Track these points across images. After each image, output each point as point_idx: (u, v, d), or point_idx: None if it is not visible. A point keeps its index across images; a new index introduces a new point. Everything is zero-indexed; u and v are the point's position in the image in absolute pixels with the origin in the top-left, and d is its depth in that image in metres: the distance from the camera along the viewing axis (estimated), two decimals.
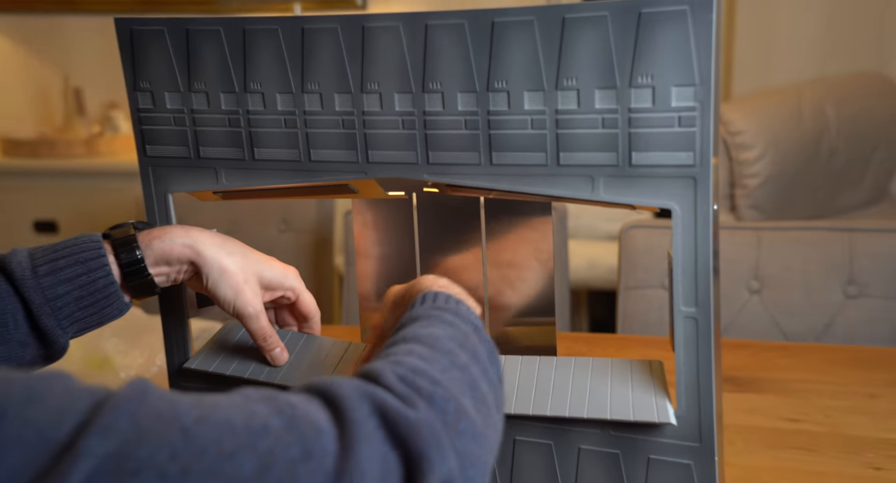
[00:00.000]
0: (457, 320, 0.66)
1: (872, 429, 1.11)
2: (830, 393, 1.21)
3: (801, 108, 2.25)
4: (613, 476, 0.77)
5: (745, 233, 1.57)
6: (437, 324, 0.64)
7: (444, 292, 0.71)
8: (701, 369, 0.72)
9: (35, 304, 0.72)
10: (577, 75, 0.70)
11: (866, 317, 1.50)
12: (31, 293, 0.72)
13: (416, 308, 0.68)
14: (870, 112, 2.35)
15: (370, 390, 0.51)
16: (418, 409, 0.51)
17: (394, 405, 0.50)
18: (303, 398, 0.51)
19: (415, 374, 0.54)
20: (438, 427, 0.51)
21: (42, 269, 0.73)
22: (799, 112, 2.24)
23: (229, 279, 0.77)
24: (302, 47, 0.78)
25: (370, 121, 0.78)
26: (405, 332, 0.63)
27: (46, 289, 0.72)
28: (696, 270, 0.71)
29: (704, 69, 0.67)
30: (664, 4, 0.66)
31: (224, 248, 0.78)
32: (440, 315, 0.66)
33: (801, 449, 1.08)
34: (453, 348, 0.61)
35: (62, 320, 0.74)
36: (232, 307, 0.79)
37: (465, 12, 0.72)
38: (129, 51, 0.84)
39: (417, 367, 0.55)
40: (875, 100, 2.37)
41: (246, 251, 0.80)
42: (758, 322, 1.55)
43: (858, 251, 1.51)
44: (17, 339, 0.73)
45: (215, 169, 0.85)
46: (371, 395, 0.50)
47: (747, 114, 2.17)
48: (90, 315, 0.75)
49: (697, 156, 0.68)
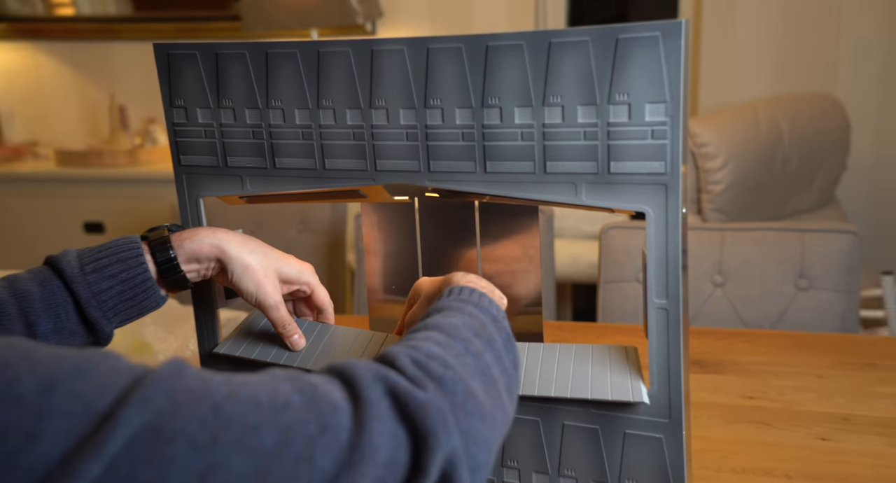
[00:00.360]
0: (477, 311, 0.66)
1: (819, 405, 1.12)
2: (783, 374, 1.21)
3: (758, 122, 2.25)
4: (593, 449, 0.77)
5: (709, 233, 1.57)
6: (458, 314, 0.65)
7: (469, 286, 0.71)
8: (671, 354, 0.72)
9: (83, 297, 0.72)
10: (562, 93, 0.70)
11: (815, 307, 1.50)
12: (80, 288, 0.72)
13: (443, 300, 0.69)
14: (818, 126, 2.35)
15: (384, 373, 0.51)
16: (427, 391, 0.51)
17: (405, 387, 0.50)
18: (323, 378, 0.51)
19: (428, 358, 0.54)
20: (445, 407, 0.51)
21: (88, 267, 0.73)
22: (756, 126, 2.24)
23: (251, 274, 0.77)
24: (318, 68, 0.78)
25: (378, 133, 0.77)
26: (427, 321, 0.63)
27: (92, 284, 0.73)
28: (667, 266, 0.71)
29: (674, 88, 0.66)
30: (638, 31, 0.66)
31: (246, 247, 0.78)
32: (462, 307, 0.66)
33: (758, 423, 1.08)
34: (469, 336, 0.61)
35: (106, 312, 0.74)
36: (254, 299, 0.79)
37: (462, 37, 0.71)
38: (165, 72, 0.84)
39: (432, 352, 0.55)
40: (822, 116, 2.38)
41: (266, 250, 0.80)
42: (720, 312, 1.54)
43: (809, 249, 1.51)
44: (69, 328, 0.73)
45: (241, 176, 0.84)
46: (384, 377, 0.51)
47: (711, 128, 2.17)
48: (131, 307, 0.76)
49: (668, 165, 0.68)
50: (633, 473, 0.76)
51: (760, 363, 1.25)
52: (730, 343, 1.33)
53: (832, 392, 1.15)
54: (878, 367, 1.22)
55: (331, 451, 0.46)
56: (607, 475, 0.77)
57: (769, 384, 1.18)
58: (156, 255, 0.75)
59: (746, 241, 1.54)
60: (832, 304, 1.49)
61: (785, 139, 2.27)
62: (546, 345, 0.81)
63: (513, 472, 0.81)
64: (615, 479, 0.77)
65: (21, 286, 0.72)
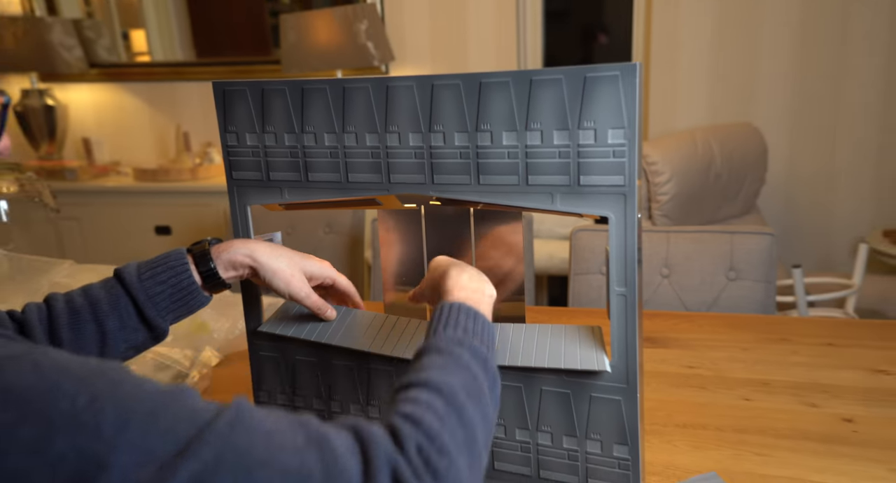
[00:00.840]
0: (472, 361, 0.60)
1: (744, 372, 1.12)
2: (716, 347, 1.21)
3: (696, 146, 2.25)
4: (565, 409, 0.76)
5: (658, 234, 1.56)
6: (454, 369, 0.58)
7: (465, 305, 0.65)
8: (628, 331, 0.72)
9: (140, 300, 0.73)
10: (541, 120, 0.69)
11: (741, 294, 1.50)
12: (138, 292, 0.73)
13: (439, 334, 0.62)
14: (742, 149, 2.35)
15: (394, 459, 0.48)
16: (424, 481, 0.49)
17: (406, 477, 0.48)
18: (348, 446, 0.48)
19: (430, 443, 0.50)
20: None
21: (145, 275, 0.74)
22: (694, 149, 2.24)
23: (280, 275, 0.78)
24: (343, 100, 0.77)
25: (391, 153, 0.77)
26: (428, 376, 0.57)
27: (148, 289, 0.73)
28: (626, 260, 0.70)
29: (631, 116, 0.66)
30: (602, 71, 0.66)
31: (274, 254, 0.78)
32: (459, 355, 0.60)
33: (695, 387, 1.08)
34: (464, 401, 0.56)
35: (161, 311, 0.74)
36: (287, 294, 0.79)
37: (460, 75, 0.71)
38: (221, 105, 0.83)
39: (432, 432, 0.51)
40: (745, 141, 2.38)
41: (291, 254, 0.80)
42: (667, 298, 1.54)
43: (736, 247, 1.50)
44: (131, 325, 0.73)
45: (280, 188, 0.84)
46: (394, 465, 0.48)
47: (659, 150, 2.17)
48: (180, 307, 0.75)
49: (627, 178, 0.68)
50: (597, 428, 0.75)
51: (698, 339, 1.25)
52: (674, 323, 1.33)
53: (754, 361, 1.15)
54: (790, 341, 1.22)
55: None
56: (576, 430, 0.76)
57: (705, 356, 1.18)
58: (199, 265, 0.75)
59: (687, 240, 1.54)
60: (754, 292, 1.48)
61: (716, 159, 2.27)
62: (527, 325, 0.81)
63: (500, 428, 0.80)
64: (583, 433, 0.76)
65: (93, 293, 0.73)
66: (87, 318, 0.71)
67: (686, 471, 0.86)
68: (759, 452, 0.89)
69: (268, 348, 0.91)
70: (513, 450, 0.80)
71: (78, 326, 0.71)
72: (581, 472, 0.77)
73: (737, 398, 1.03)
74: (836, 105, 2.46)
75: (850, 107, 2.45)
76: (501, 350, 0.78)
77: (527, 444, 0.79)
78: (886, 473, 0.83)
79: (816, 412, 0.98)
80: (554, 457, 0.78)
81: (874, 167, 2.47)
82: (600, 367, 0.73)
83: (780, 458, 0.88)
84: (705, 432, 0.95)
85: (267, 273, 0.77)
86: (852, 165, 2.50)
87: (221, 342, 1.26)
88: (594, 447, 0.76)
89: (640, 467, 0.75)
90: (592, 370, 0.73)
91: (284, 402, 0.92)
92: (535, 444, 0.79)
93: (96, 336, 0.72)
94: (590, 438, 0.76)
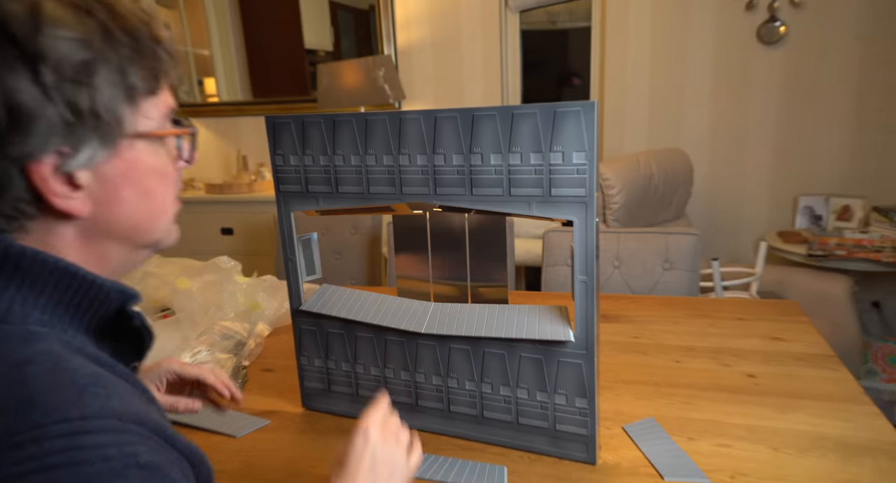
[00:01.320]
0: None
1: (675, 340, 1.11)
2: (655, 322, 1.20)
3: (639, 165, 2.24)
4: (539, 371, 0.75)
5: (611, 234, 1.55)
6: None
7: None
8: (588, 311, 0.71)
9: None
10: (520, 145, 0.68)
11: (673, 280, 1.48)
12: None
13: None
14: (674, 168, 2.33)
15: None
16: None
17: None
18: None
19: None
20: None
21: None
22: (637, 168, 2.23)
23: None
24: (365, 130, 0.76)
25: (403, 170, 0.76)
26: None
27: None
28: (586, 255, 0.69)
29: (590, 142, 0.65)
30: (568, 107, 0.65)
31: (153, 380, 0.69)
32: None
33: (639, 353, 1.07)
34: None
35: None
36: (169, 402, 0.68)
37: (457, 109, 0.70)
38: (271, 133, 0.82)
39: None
40: (676, 162, 2.36)
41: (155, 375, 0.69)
42: (617, 284, 1.53)
43: (670, 245, 1.49)
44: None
45: (316, 198, 0.82)
46: None
47: (611, 168, 2.15)
48: None
49: (587, 191, 0.67)
50: (563, 385, 0.74)
51: (641, 316, 1.24)
52: (623, 304, 1.31)
53: (683, 332, 1.14)
54: (710, 316, 1.21)
55: None
56: (547, 386, 0.76)
57: (646, 328, 1.17)
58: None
59: (633, 239, 1.53)
60: (683, 279, 1.47)
61: (655, 176, 2.26)
62: (509, 305, 0.80)
63: (487, 385, 0.79)
64: (552, 388, 0.75)
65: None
66: None
67: (630, 416, 0.86)
68: (685, 401, 0.89)
69: (307, 322, 0.90)
70: (498, 402, 0.79)
71: None
72: (551, 419, 0.76)
73: (669, 361, 1.02)
74: (742, 134, 2.46)
75: (753, 136, 2.45)
76: (489, 325, 0.77)
77: (509, 398, 0.78)
78: (777, 414, 0.84)
79: (728, 370, 0.98)
80: (530, 407, 0.77)
81: (770, 183, 2.48)
82: (566, 338, 0.72)
83: (700, 406, 0.87)
84: (645, 387, 0.94)
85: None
86: (755, 181, 2.50)
87: (271, 317, 1.24)
88: (560, 399, 0.75)
89: (595, 415, 0.74)
90: (560, 340, 0.73)
91: (320, 365, 0.91)
92: (515, 398, 0.78)
93: None
94: (557, 393, 0.75)
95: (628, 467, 0.74)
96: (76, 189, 0.41)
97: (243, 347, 1.13)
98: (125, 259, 0.46)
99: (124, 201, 0.43)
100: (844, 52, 2.24)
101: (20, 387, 0.34)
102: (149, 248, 0.47)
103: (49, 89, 0.38)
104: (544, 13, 3.97)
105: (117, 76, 0.40)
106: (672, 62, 2.46)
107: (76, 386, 0.35)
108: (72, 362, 0.37)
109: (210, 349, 1.10)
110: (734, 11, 2.32)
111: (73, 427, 0.33)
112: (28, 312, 0.39)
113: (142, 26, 0.42)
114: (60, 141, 0.39)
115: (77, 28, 0.39)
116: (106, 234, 0.44)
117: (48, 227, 0.42)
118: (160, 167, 0.45)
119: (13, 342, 0.37)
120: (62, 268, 0.41)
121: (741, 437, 0.79)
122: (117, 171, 0.42)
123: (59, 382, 0.35)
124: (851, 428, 0.79)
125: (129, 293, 0.45)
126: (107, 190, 0.42)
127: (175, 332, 1.13)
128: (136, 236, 0.45)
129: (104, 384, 0.36)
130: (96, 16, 0.40)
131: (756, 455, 0.75)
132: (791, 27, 2.27)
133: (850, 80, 2.26)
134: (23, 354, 0.36)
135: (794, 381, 0.92)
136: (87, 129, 0.40)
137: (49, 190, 0.40)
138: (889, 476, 0.70)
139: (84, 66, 0.39)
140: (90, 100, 0.39)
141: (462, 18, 2.62)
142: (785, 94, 2.35)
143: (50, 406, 0.33)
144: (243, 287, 1.26)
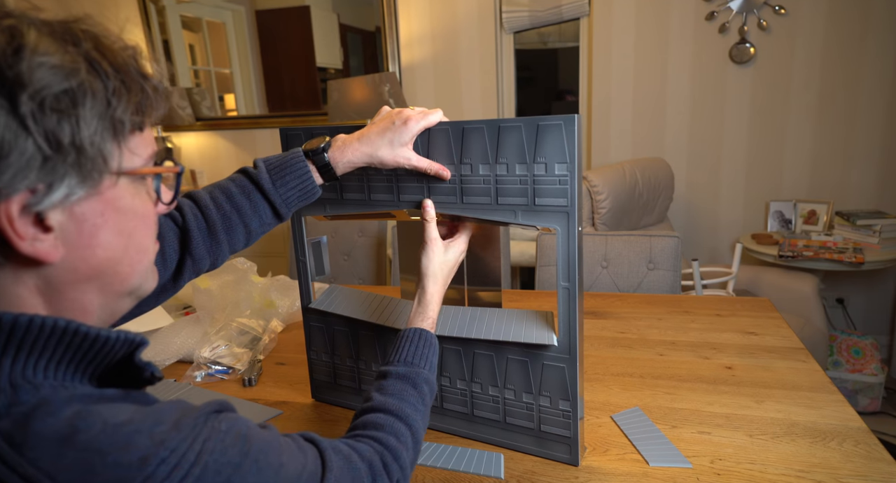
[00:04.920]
0: (424, 386, 0.59)
1: (659, 335, 1.10)
2: (640, 318, 1.19)
3: (625, 174, 2.23)
4: (524, 372, 0.74)
5: (599, 237, 1.54)
6: (412, 398, 0.57)
7: (427, 332, 0.64)
8: (570, 316, 0.69)
9: (276, 203, 0.64)
10: (507, 156, 0.67)
11: (656, 279, 1.47)
12: (275, 198, 0.64)
13: (404, 361, 0.61)
14: (656, 176, 2.32)
15: (389, 461, 0.50)
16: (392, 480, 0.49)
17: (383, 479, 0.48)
18: (367, 451, 0.49)
19: (397, 463, 0.50)
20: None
21: (278, 183, 0.64)
22: (623, 176, 2.22)
23: (387, 162, 0.67)
24: None
25: (400, 179, 0.75)
26: (400, 409, 0.55)
27: (282, 194, 0.64)
28: (569, 262, 0.67)
29: (572, 154, 0.64)
30: (551, 120, 0.64)
31: (373, 146, 0.67)
32: (415, 381, 0.58)
33: (625, 347, 1.06)
34: (418, 425, 0.55)
35: (290, 208, 0.66)
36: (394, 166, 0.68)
37: (448, 123, 0.69)
38: (285, 144, 0.81)
39: (399, 456, 0.51)
40: (658, 170, 2.35)
41: (377, 140, 0.68)
42: (605, 283, 1.52)
43: (653, 246, 1.48)
44: (267, 222, 0.65)
45: (324, 204, 0.82)
46: (386, 463, 0.49)
47: (599, 176, 2.14)
48: (303, 202, 0.66)
49: (569, 200, 0.65)
50: (547, 387, 0.73)
51: (627, 312, 1.23)
52: (610, 301, 1.31)
53: (666, 328, 1.13)
54: (690, 313, 1.20)
55: None
56: (532, 388, 0.74)
57: (632, 324, 1.16)
58: (320, 170, 0.66)
59: (620, 241, 1.52)
60: (666, 278, 1.46)
61: (639, 183, 2.25)
62: (499, 310, 0.78)
63: (477, 385, 0.78)
64: (537, 390, 0.74)
65: (236, 201, 0.63)
66: (237, 221, 0.63)
67: (617, 406, 0.85)
68: (668, 392, 0.88)
69: (316, 320, 0.89)
70: (486, 402, 0.78)
71: (230, 229, 0.63)
72: (535, 419, 0.75)
73: (653, 354, 1.01)
74: (718, 145, 2.46)
75: (728, 146, 2.45)
76: (480, 327, 0.76)
77: (497, 398, 0.77)
78: (753, 403, 0.83)
79: (708, 362, 0.97)
80: (516, 408, 0.76)
81: (744, 189, 2.47)
82: (550, 342, 0.71)
83: (683, 396, 0.86)
84: (631, 379, 0.93)
85: (379, 164, 0.67)
86: (730, 188, 2.49)
87: (284, 315, 1.24)
88: (545, 401, 0.73)
89: (578, 418, 0.72)
90: (544, 344, 0.71)
91: (327, 359, 0.90)
92: (502, 398, 0.76)
93: (244, 234, 0.64)
94: (542, 395, 0.73)
95: (616, 454, 0.74)
96: (46, 231, 0.35)
97: (258, 342, 1.13)
98: (108, 308, 0.40)
99: (100, 244, 0.37)
100: (808, 71, 2.24)
101: (90, 458, 0.31)
102: (129, 297, 0.41)
103: (26, 119, 0.32)
104: (536, 34, 3.96)
105: (104, 108, 0.35)
106: (653, 79, 2.45)
107: (136, 431, 0.32)
108: (103, 414, 0.33)
109: (228, 344, 1.09)
110: (709, 34, 2.32)
111: (172, 462, 0.32)
112: (29, 380, 0.34)
113: (130, 60, 0.38)
114: (35, 177, 0.33)
115: (60, 56, 0.34)
116: (84, 279, 0.37)
117: (16, 276, 0.35)
118: (142, 208, 0.40)
119: (43, 421, 0.32)
120: (61, 328, 0.35)
121: (720, 424, 0.78)
122: (95, 211, 0.36)
123: (120, 439, 0.32)
124: (820, 415, 0.79)
125: (136, 341, 0.39)
126: (82, 231, 0.36)
127: (196, 328, 1.13)
128: (114, 283, 0.39)
129: (141, 419, 0.33)
130: (82, 46, 0.35)
131: (734, 441, 0.74)
132: (759, 49, 2.27)
133: (813, 96, 2.26)
134: (62, 429, 0.31)
135: (767, 372, 0.91)
136: (67, 164, 0.34)
137: (15, 232, 0.33)
138: (854, 459, 0.69)
139: (68, 96, 0.34)
140: (72, 132, 0.34)
141: (461, 39, 2.62)
142: (756, 109, 2.35)
143: (136, 460, 0.31)
144: (259, 286, 1.25)
